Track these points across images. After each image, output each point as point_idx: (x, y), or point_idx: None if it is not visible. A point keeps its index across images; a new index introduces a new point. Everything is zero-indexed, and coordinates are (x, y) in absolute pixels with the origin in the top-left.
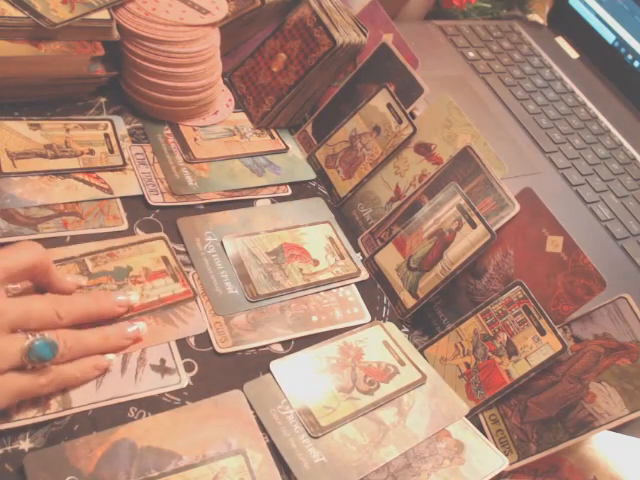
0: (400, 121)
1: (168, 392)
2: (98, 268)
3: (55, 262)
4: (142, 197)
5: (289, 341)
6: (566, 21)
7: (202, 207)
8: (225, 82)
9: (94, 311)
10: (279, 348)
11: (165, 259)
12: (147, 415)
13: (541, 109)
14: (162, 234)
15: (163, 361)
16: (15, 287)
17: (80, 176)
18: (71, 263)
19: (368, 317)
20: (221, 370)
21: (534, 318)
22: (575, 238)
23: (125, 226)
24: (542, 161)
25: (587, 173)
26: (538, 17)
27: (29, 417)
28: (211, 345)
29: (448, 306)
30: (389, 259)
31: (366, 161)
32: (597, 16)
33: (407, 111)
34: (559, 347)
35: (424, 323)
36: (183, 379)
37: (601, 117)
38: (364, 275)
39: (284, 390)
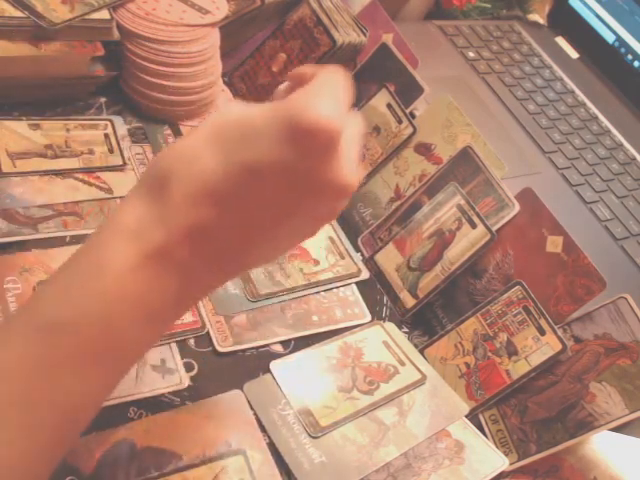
0: (400, 121)
1: (168, 392)
2: None
3: None
4: None
5: (289, 341)
6: (566, 21)
7: None
8: (225, 82)
9: None
10: (279, 348)
11: None
12: (147, 415)
13: (541, 109)
14: None
15: (163, 361)
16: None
17: (80, 176)
18: None
19: (368, 317)
20: (221, 370)
21: (534, 318)
22: (575, 238)
23: None
24: (542, 161)
25: (587, 173)
26: (538, 17)
27: None
28: (211, 345)
29: (448, 306)
30: (389, 259)
31: (366, 161)
32: (597, 16)
33: (407, 111)
34: (559, 347)
35: (424, 323)
36: (183, 379)
37: (601, 117)
38: (364, 275)
39: (284, 390)
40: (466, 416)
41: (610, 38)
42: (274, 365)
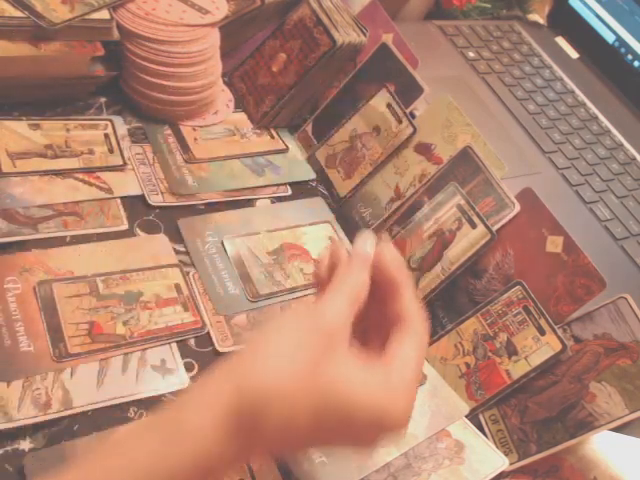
0: (400, 121)
1: (168, 392)
2: (108, 290)
3: (66, 280)
4: (142, 197)
5: None
6: (566, 21)
7: (202, 207)
8: (225, 82)
9: None
10: None
11: (178, 287)
12: (147, 415)
13: (541, 109)
14: (178, 262)
15: (164, 362)
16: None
17: (80, 176)
18: (82, 282)
19: None
20: None
21: (534, 318)
22: (575, 238)
23: (125, 226)
24: (542, 161)
25: (587, 173)
26: (538, 17)
27: (29, 417)
28: (211, 345)
29: (448, 306)
30: None
31: (366, 161)
32: (597, 16)
33: (407, 111)
34: (559, 347)
35: None
36: (184, 379)
37: (601, 117)
38: None
39: None
40: (466, 416)
41: (610, 38)
42: None
